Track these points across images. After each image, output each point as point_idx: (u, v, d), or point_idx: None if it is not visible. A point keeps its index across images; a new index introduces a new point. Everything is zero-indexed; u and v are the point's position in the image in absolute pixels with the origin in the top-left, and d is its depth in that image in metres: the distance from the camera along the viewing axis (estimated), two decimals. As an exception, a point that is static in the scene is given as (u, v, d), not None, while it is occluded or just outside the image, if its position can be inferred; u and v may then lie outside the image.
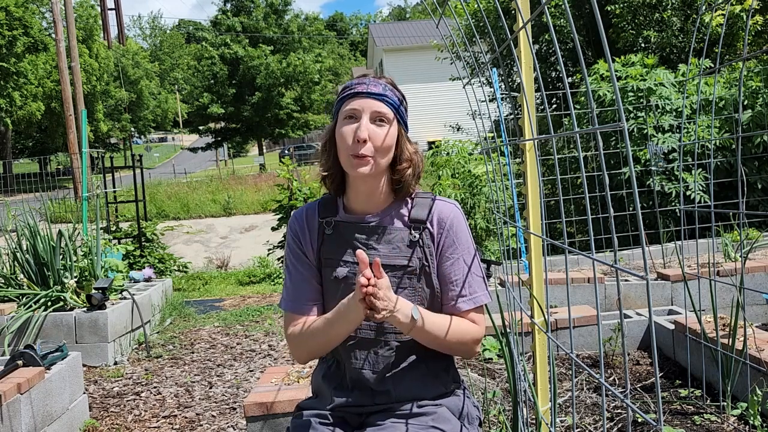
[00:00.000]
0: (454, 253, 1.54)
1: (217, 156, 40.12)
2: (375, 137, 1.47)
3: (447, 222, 1.54)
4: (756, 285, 4.11)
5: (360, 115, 1.47)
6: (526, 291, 1.99)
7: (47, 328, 4.20)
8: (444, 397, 1.56)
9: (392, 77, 1.59)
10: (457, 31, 9.61)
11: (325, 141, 1.57)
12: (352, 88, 1.51)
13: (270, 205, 8.85)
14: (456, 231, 1.54)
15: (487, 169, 6.79)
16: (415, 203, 1.57)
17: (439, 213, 1.55)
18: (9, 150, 34.40)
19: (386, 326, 1.53)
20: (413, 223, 1.55)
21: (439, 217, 1.55)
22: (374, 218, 1.56)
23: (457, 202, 1.60)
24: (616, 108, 5.72)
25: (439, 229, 1.54)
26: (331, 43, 60.95)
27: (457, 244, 1.54)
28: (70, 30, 18.83)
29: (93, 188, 8.09)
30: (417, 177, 1.56)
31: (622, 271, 1.01)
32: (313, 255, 1.59)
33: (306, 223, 1.61)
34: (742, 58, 2.39)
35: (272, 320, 5.22)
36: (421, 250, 1.53)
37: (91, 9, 37.80)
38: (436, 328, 1.49)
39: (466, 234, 1.57)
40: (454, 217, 1.55)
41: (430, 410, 1.51)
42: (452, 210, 1.56)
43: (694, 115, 5.82)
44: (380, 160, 1.49)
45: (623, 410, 2.77)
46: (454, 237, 1.54)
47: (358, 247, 1.52)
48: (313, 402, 1.63)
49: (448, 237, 1.54)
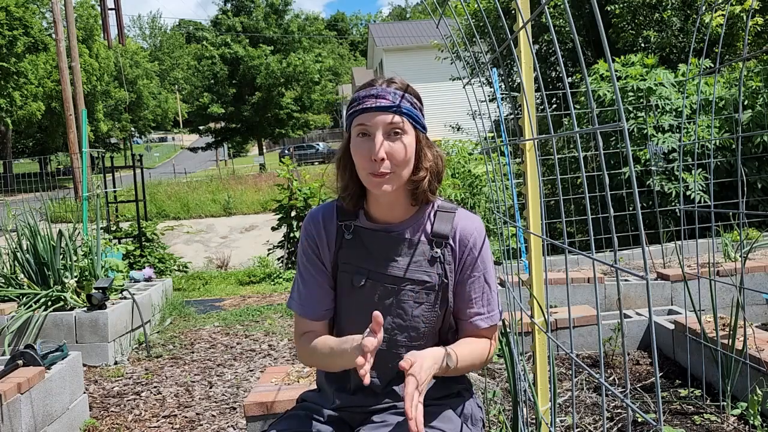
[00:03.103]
0: (475, 272, 1.51)
1: (217, 156, 40.14)
2: (393, 154, 1.39)
3: (470, 240, 1.50)
4: (756, 285, 4.11)
5: (373, 132, 1.39)
6: (526, 291, 1.99)
7: (47, 328, 4.20)
8: (449, 398, 1.55)
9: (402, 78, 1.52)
10: (457, 31, 9.61)
11: (339, 156, 1.50)
12: (361, 102, 1.42)
13: (270, 205, 8.85)
14: (479, 249, 1.51)
15: (487, 169, 6.79)
16: (438, 216, 1.51)
17: (462, 230, 1.51)
18: (9, 150, 34.42)
19: (399, 339, 1.50)
20: (435, 237, 1.49)
21: (462, 234, 1.50)
22: (397, 228, 1.51)
23: (479, 218, 1.55)
24: (616, 108, 5.72)
25: (461, 246, 1.50)
26: (331, 43, 60.99)
27: (479, 262, 1.51)
28: (70, 30, 18.83)
29: (93, 188, 8.09)
30: (438, 181, 1.51)
31: (622, 270, 1.01)
32: (330, 259, 1.54)
33: (323, 226, 1.55)
34: (742, 58, 2.39)
35: (272, 320, 5.22)
36: (441, 266, 1.49)
37: (91, 9, 37.81)
38: (464, 364, 1.47)
39: (488, 252, 1.53)
40: (477, 235, 1.51)
41: (433, 410, 1.48)
42: (476, 227, 1.52)
43: (694, 115, 5.82)
44: (402, 173, 1.42)
45: (623, 410, 2.77)
46: (477, 255, 1.50)
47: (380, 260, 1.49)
48: (315, 396, 1.61)
49: (470, 255, 1.50)
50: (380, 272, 1.49)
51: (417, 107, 1.47)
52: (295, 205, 7.60)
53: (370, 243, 1.51)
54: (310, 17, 39.42)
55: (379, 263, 1.50)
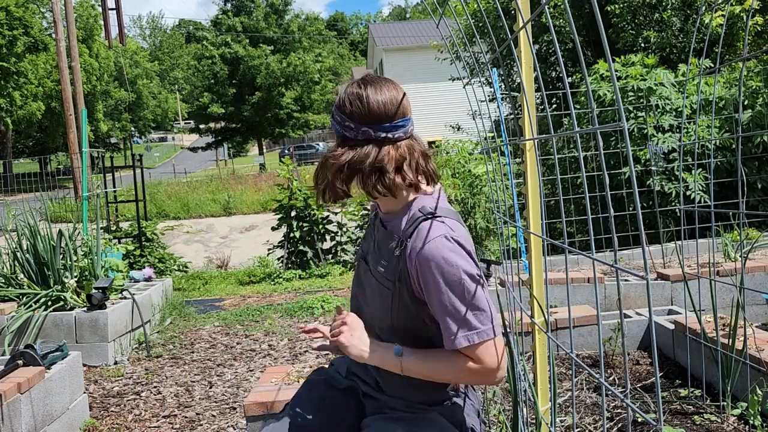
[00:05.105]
0: (429, 296, 1.44)
1: (217, 156, 40.11)
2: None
3: (413, 263, 1.44)
4: (756, 285, 4.11)
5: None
6: (526, 291, 1.99)
7: (47, 328, 4.20)
8: (438, 405, 1.55)
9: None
10: (457, 31, 9.61)
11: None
12: None
13: (270, 205, 8.85)
14: (423, 271, 1.42)
15: (487, 169, 6.79)
16: (411, 217, 1.49)
17: (412, 247, 1.44)
18: (9, 150, 34.41)
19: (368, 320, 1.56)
20: (399, 237, 1.49)
21: (409, 251, 1.45)
22: (386, 219, 1.57)
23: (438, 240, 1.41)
24: (616, 108, 5.72)
25: (411, 263, 1.45)
26: (331, 43, 60.97)
27: (430, 287, 1.42)
28: (71, 30, 18.82)
29: (93, 188, 8.09)
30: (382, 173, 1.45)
31: (622, 270, 1.01)
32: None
33: (375, 213, 1.69)
34: (742, 58, 2.39)
35: (272, 320, 5.22)
36: (398, 266, 1.48)
37: (92, 9, 37.79)
38: (426, 371, 1.46)
39: (437, 276, 1.40)
40: (423, 258, 1.42)
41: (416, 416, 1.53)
42: (428, 250, 1.41)
43: (694, 115, 5.82)
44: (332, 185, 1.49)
45: (623, 410, 2.77)
46: (422, 276, 1.43)
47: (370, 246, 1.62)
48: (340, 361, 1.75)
49: (419, 279, 1.44)
50: (367, 257, 1.61)
51: (337, 118, 1.50)
52: (295, 205, 7.60)
53: (374, 231, 1.63)
54: (310, 17, 39.39)
55: (369, 248, 1.62)
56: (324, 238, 7.78)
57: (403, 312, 1.49)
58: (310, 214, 7.60)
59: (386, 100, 1.46)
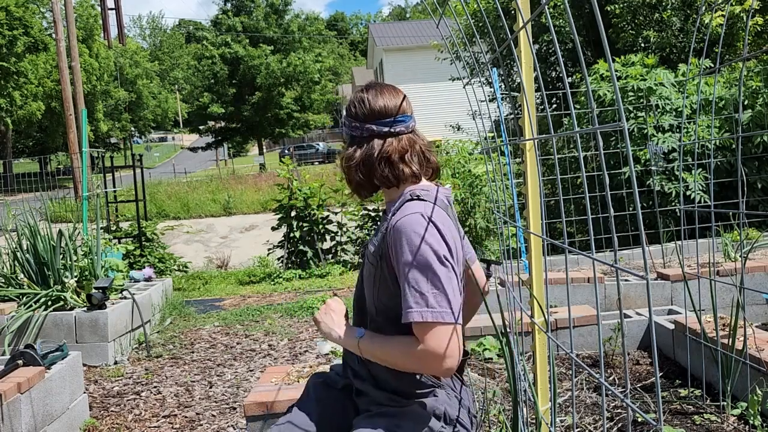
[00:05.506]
0: (398, 269, 1.51)
1: (217, 156, 40.10)
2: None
3: (390, 236, 1.53)
4: (756, 285, 4.11)
5: None
6: (526, 291, 1.99)
7: (47, 328, 4.20)
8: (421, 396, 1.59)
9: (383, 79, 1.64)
10: (457, 31, 9.61)
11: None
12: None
13: (270, 205, 8.85)
14: (395, 241, 1.51)
15: (487, 169, 6.79)
16: (402, 198, 1.62)
17: (390, 221, 1.56)
18: (9, 150, 34.40)
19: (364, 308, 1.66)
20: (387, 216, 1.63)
21: (388, 226, 1.56)
22: (389, 208, 1.67)
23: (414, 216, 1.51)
24: (616, 108, 5.72)
25: (389, 237, 1.54)
26: (331, 42, 60.97)
27: (398, 259, 1.50)
28: (70, 30, 18.82)
29: (93, 188, 8.09)
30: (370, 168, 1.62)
31: (622, 270, 1.01)
32: None
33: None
34: (742, 58, 2.39)
35: (272, 320, 5.22)
36: (383, 242, 1.57)
37: (91, 9, 37.78)
38: (380, 353, 1.55)
39: (405, 246, 1.49)
40: (395, 229, 1.51)
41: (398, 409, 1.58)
42: (401, 222, 1.51)
43: (694, 115, 5.82)
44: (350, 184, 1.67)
45: (623, 410, 2.77)
46: (393, 247, 1.52)
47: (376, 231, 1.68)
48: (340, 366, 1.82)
49: (392, 251, 1.52)
50: (368, 244, 1.67)
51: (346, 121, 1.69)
52: (295, 204, 7.60)
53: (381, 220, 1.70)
54: (310, 17, 39.37)
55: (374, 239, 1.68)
56: (324, 238, 7.78)
57: (383, 290, 1.57)
58: (310, 214, 7.61)
59: (386, 100, 1.64)
